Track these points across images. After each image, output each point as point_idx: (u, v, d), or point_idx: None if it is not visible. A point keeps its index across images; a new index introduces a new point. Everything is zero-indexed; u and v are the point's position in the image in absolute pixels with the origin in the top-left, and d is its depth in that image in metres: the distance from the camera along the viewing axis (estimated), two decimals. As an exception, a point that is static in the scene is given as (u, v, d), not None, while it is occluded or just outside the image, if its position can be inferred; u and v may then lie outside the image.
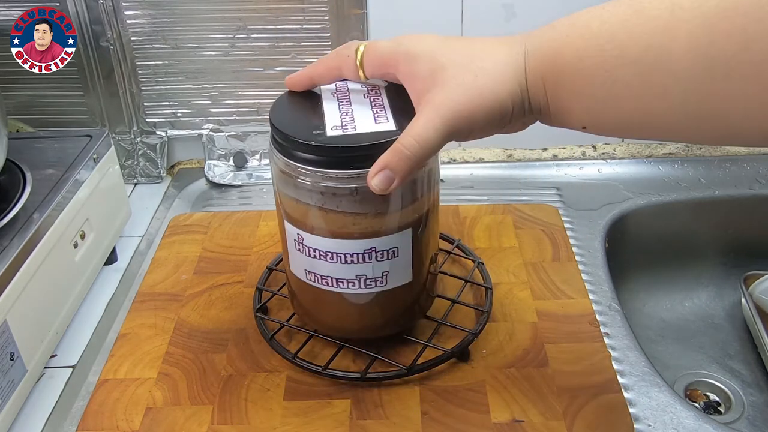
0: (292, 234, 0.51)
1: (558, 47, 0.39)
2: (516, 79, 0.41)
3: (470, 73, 0.41)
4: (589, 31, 0.37)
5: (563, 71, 0.38)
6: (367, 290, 0.51)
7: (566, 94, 0.39)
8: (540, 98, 0.41)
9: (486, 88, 0.41)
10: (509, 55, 0.41)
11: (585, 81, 0.37)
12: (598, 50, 0.36)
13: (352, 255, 0.49)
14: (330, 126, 0.47)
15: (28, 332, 0.55)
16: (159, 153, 0.85)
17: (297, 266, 0.53)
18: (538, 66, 0.40)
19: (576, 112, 0.39)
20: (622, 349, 0.58)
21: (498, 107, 0.41)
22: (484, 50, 0.42)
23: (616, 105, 0.37)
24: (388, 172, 0.43)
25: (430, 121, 0.41)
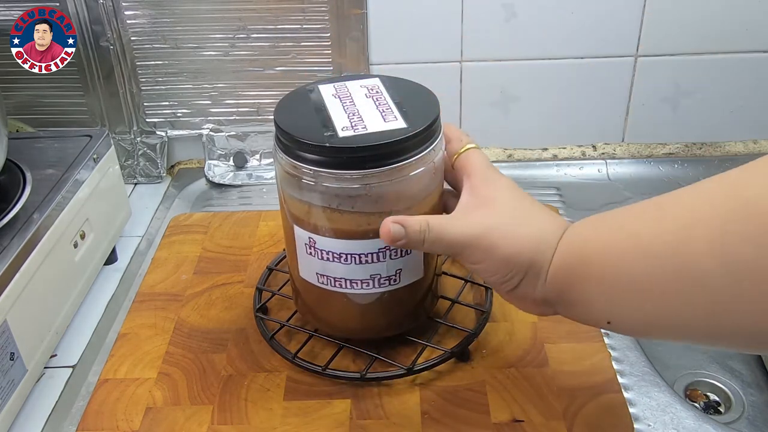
0: (303, 238, 0.50)
1: (587, 238, 0.41)
2: (542, 260, 0.43)
3: (514, 220, 0.45)
4: (616, 224, 0.39)
5: (591, 271, 0.39)
6: (381, 289, 0.51)
7: (590, 287, 0.40)
8: (560, 284, 0.42)
9: (517, 238, 0.44)
10: (551, 226, 0.44)
11: (609, 271, 0.38)
12: (622, 245, 0.37)
13: (367, 255, 0.49)
14: (340, 127, 0.47)
15: (28, 332, 0.55)
16: (159, 153, 0.85)
17: (308, 270, 0.52)
18: (564, 263, 0.42)
19: (600, 310, 0.40)
20: (622, 349, 0.58)
21: (516, 258, 0.43)
22: (537, 211, 0.46)
23: (639, 301, 0.37)
24: (403, 231, 0.45)
25: (464, 228, 0.45)
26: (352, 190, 0.47)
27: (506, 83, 0.81)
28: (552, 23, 0.78)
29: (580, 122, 0.84)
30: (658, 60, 0.80)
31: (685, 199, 0.36)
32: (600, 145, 0.85)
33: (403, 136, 0.46)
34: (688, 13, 0.77)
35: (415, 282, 0.53)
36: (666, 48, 0.80)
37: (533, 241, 0.43)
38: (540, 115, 0.84)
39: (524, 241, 0.43)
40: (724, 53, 0.80)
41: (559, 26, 0.78)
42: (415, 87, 0.52)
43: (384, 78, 0.54)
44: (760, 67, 0.80)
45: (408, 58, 0.80)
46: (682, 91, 0.82)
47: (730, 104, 0.83)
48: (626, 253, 0.37)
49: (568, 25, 0.78)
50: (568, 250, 0.42)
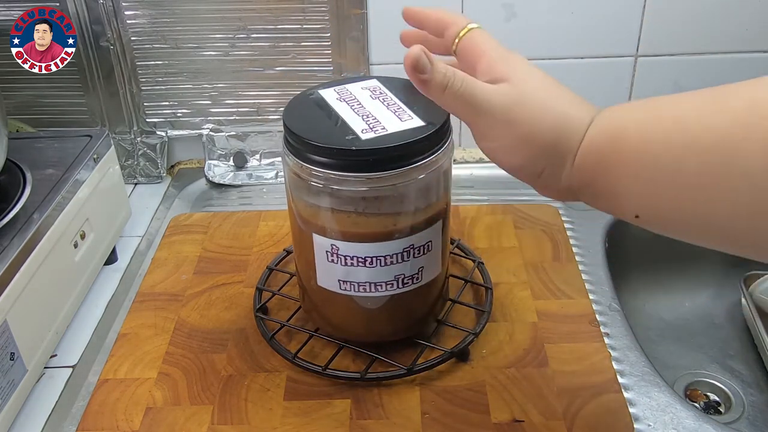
0: (324, 246, 0.50)
1: (625, 123, 0.37)
2: (568, 145, 0.39)
3: (538, 96, 0.40)
4: (659, 113, 0.36)
5: (624, 148, 0.36)
6: (404, 289, 0.52)
7: (623, 175, 0.36)
8: (587, 171, 0.39)
9: (538, 119, 0.40)
10: (578, 113, 0.40)
11: (647, 164, 0.35)
12: (666, 134, 0.34)
13: (392, 256, 0.50)
14: (359, 130, 0.47)
15: (28, 332, 0.55)
16: (159, 153, 0.85)
17: (329, 278, 0.52)
18: (597, 137, 0.38)
19: (631, 198, 0.37)
20: (622, 349, 0.58)
21: (535, 140, 0.40)
22: (562, 93, 0.41)
23: (677, 195, 0.34)
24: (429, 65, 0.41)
25: (490, 93, 0.41)
26: (380, 191, 0.47)
27: (506, 83, 0.81)
28: (552, 23, 0.78)
29: (580, 122, 0.84)
30: (658, 60, 0.80)
31: (743, 94, 0.33)
32: (600, 145, 0.85)
33: (428, 132, 0.46)
34: (688, 13, 0.77)
35: (432, 280, 0.53)
36: (666, 48, 0.80)
37: (558, 121, 0.39)
38: (540, 115, 0.83)
39: (548, 121, 0.39)
40: (724, 53, 0.80)
41: (559, 26, 0.78)
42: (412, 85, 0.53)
43: (382, 78, 0.54)
44: (760, 67, 0.80)
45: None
46: (682, 91, 0.82)
47: (730, 104, 0.83)
48: (671, 144, 0.34)
49: (568, 25, 0.78)
50: (601, 134, 0.38)
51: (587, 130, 0.39)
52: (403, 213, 0.49)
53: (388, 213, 0.48)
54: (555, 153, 0.39)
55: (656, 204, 0.36)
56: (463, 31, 0.45)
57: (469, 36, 0.44)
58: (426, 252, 0.51)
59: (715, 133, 0.32)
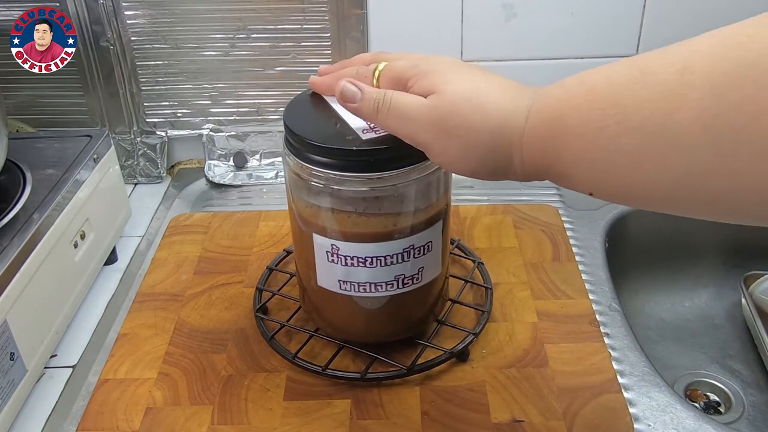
0: (324, 246, 0.50)
1: (562, 108, 0.37)
2: (509, 134, 0.39)
3: (471, 104, 0.40)
4: (594, 93, 0.35)
5: (565, 134, 0.36)
6: (404, 289, 0.52)
7: (569, 158, 0.37)
8: (537, 160, 0.39)
9: (474, 125, 0.40)
10: (513, 106, 0.39)
11: (586, 146, 0.35)
12: (601, 115, 0.34)
13: (392, 256, 0.49)
14: (360, 130, 0.47)
15: (28, 332, 0.55)
16: (159, 153, 0.85)
17: (329, 278, 0.52)
18: (539, 126, 0.38)
19: (579, 178, 0.37)
20: (622, 349, 0.58)
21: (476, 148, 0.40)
22: (491, 88, 0.41)
23: (618, 173, 0.35)
24: (359, 93, 0.43)
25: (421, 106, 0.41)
26: (380, 191, 0.47)
27: (506, 83, 0.81)
28: (552, 23, 0.78)
29: (580, 122, 0.84)
30: (658, 60, 0.80)
31: (671, 60, 0.32)
32: (600, 145, 0.85)
33: None
34: (688, 13, 0.77)
35: (432, 280, 0.53)
36: (666, 48, 0.80)
37: (493, 121, 0.39)
38: (540, 115, 0.83)
39: (483, 124, 0.39)
40: (724, 53, 0.80)
41: (559, 26, 0.78)
42: None
43: None
44: (760, 67, 0.80)
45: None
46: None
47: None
48: (606, 124, 0.34)
49: (568, 25, 0.78)
50: (541, 123, 0.38)
51: (526, 120, 0.39)
52: (404, 213, 0.49)
53: (388, 213, 0.48)
54: (499, 151, 0.40)
55: (603, 182, 0.36)
56: (376, 73, 0.45)
57: (384, 76, 0.45)
58: (426, 252, 0.51)
59: (647, 108, 0.32)
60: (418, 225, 0.49)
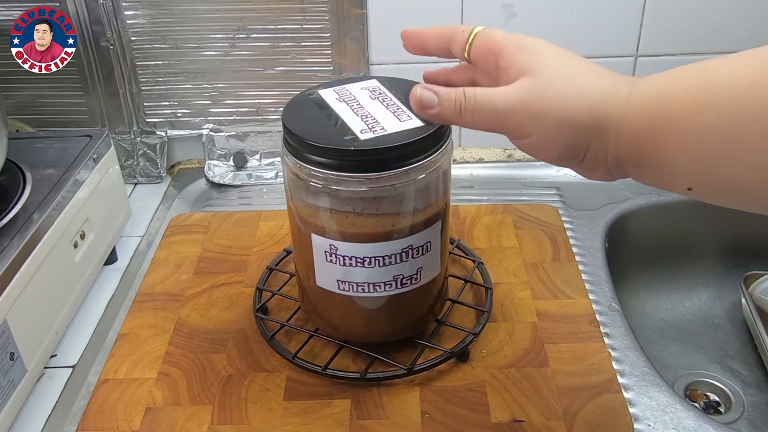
0: (323, 246, 0.50)
1: (670, 90, 0.35)
2: (605, 116, 0.37)
3: (564, 80, 0.38)
4: (705, 80, 0.34)
5: (673, 122, 0.34)
6: (402, 289, 0.51)
7: (673, 148, 0.35)
8: (635, 146, 0.37)
9: (569, 102, 0.38)
10: (612, 88, 0.38)
11: (699, 133, 0.33)
12: (716, 103, 0.33)
13: (390, 256, 0.49)
14: (358, 130, 0.47)
15: (28, 332, 0.55)
16: (159, 153, 0.85)
17: (327, 278, 0.52)
18: (641, 113, 0.36)
19: (683, 171, 0.35)
20: (622, 349, 0.58)
21: (569, 129, 0.38)
22: (591, 71, 0.39)
23: (733, 164, 0.33)
24: (435, 98, 0.41)
25: (508, 95, 0.39)
26: (378, 192, 0.47)
27: (506, 83, 0.81)
28: (552, 23, 0.78)
29: (580, 122, 0.84)
30: (658, 60, 0.80)
31: None
32: (600, 145, 0.85)
33: (426, 133, 0.46)
34: (688, 13, 0.77)
35: (431, 281, 0.53)
36: (666, 48, 0.80)
37: (589, 98, 0.38)
38: (540, 115, 0.83)
39: (578, 101, 0.38)
40: (724, 53, 0.80)
41: (559, 26, 0.78)
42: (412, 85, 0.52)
43: (382, 79, 0.54)
44: (760, 67, 0.80)
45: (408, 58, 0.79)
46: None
47: (730, 104, 0.83)
48: (722, 110, 0.32)
49: (568, 25, 0.78)
50: (647, 102, 0.36)
51: (628, 99, 0.37)
52: (402, 213, 0.48)
53: (386, 213, 0.48)
54: (594, 131, 0.38)
55: (710, 173, 0.34)
56: (471, 36, 0.44)
57: (478, 38, 0.43)
58: (425, 252, 0.51)
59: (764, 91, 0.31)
60: (416, 225, 0.49)
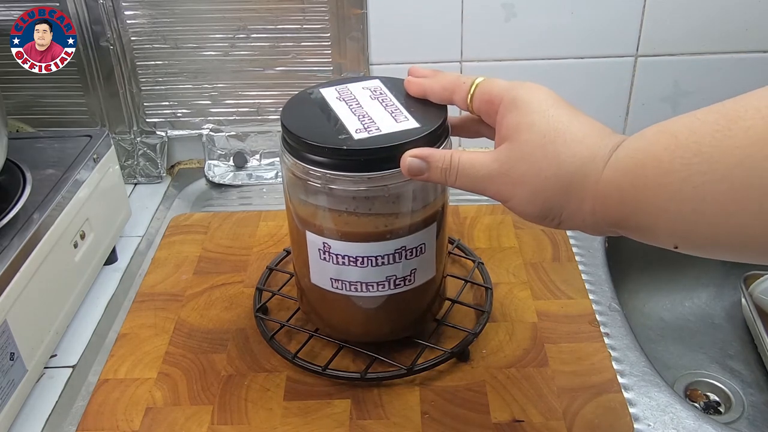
0: (317, 243, 0.50)
1: (641, 158, 0.36)
2: (582, 182, 0.39)
3: (542, 150, 0.40)
4: (675, 142, 0.34)
5: (645, 186, 0.35)
6: (395, 290, 0.51)
7: (649, 210, 0.35)
8: (613, 211, 0.38)
9: (544, 172, 0.39)
10: (591, 154, 0.39)
11: (670, 197, 0.34)
12: (684, 165, 0.33)
13: (383, 257, 0.49)
14: (353, 130, 0.47)
15: (28, 332, 0.55)
16: (159, 153, 0.85)
17: (321, 276, 0.52)
18: (616, 176, 0.37)
19: (663, 231, 0.36)
20: (622, 349, 0.58)
21: (543, 195, 0.40)
22: (574, 134, 0.40)
23: (707, 223, 0.33)
24: (424, 165, 0.44)
25: (486, 164, 0.42)
26: (371, 191, 0.47)
27: (506, 83, 0.81)
28: (552, 23, 0.78)
29: (580, 122, 0.84)
30: (658, 60, 0.80)
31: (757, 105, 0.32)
32: (600, 145, 0.85)
33: (420, 135, 0.46)
34: (688, 13, 0.77)
35: (426, 282, 0.53)
36: (666, 48, 0.80)
37: (567, 169, 0.39)
38: (540, 115, 0.83)
39: (555, 172, 0.39)
40: (724, 53, 0.80)
41: (559, 26, 0.78)
42: None
43: (384, 79, 0.54)
44: (760, 67, 0.80)
45: (408, 58, 0.80)
46: (681, 91, 0.82)
47: (730, 104, 0.83)
48: (691, 174, 0.33)
49: (568, 25, 0.78)
50: (619, 173, 0.37)
51: (604, 169, 0.38)
52: (395, 214, 0.48)
53: (379, 213, 0.48)
54: (569, 198, 0.39)
55: (690, 234, 0.35)
56: (472, 88, 0.45)
57: (480, 90, 0.45)
58: (419, 254, 0.51)
59: (734, 156, 0.31)
60: (411, 227, 0.49)
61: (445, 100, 0.48)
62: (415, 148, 0.45)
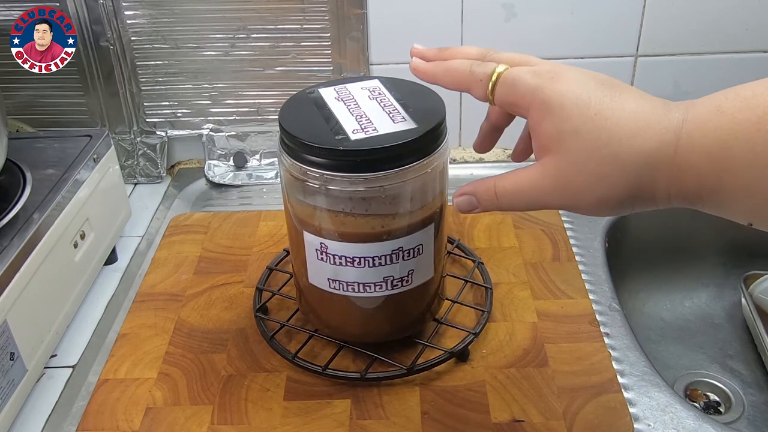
0: (314, 243, 0.50)
1: (727, 139, 0.33)
2: (651, 173, 0.36)
3: (597, 154, 0.36)
4: (766, 118, 0.31)
5: (732, 166, 0.33)
6: (393, 291, 0.51)
7: (733, 190, 0.33)
8: (690, 192, 0.35)
9: (607, 177, 0.36)
10: (656, 143, 0.35)
11: (759, 178, 0.32)
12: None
13: (380, 257, 0.49)
14: (350, 130, 0.47)
15: (28, 332, 0.55)
16: (159, 153, 0.85)
17: (318, 276, 0.52)
18: (695, 160, 0.34)
19: (743, 209, 0.34)
20: (622, 349, 0.58)
21: (614, 198, 0.37)
22: (627, 128, 0.36)
23: None
24: (474, 199, 0.42)
25: (537, 183, 0.39)
26: (367, 192, 0.47)
27: (506, 83, 0.81)
28: (552, 23, 0.78)
29: (580, 122, 0.84)
30: (658, 60, 0.80)
31: None
32: (600, 145, 0.85)
33: (416, 136, 0.46)
34: (688, 13, 0.77)
35: (424, 283, 0.53)
36: (666, 48, 0.80)
37: (632, 168, 0.36)
38: (540, 115, 0.83)
39: (619, 174, 0.36)
40: (724, 53, 0.80)
41: (559, 26, 0.78)
42: (414, 87, 0.53)
43: (383, 79, 0.54)
44: (760, 67, 0.80)
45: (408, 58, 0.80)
46: (682, 91, 0.82)
47: (730, 104, 0.83)
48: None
49: (568, 25, 0.78)
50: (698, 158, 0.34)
51: (676, 154, 0.35)
52: (392, 215, 0.48)
53: (376, 214, 0.48)
54: (640, 193, 0.36)
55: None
56: (490, 84, 0.41)
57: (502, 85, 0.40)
58: (416, 255, 0.50)
59: None
60: (408, 227, 0.49)
61: (459, 89, 0.43)
62: (463, 186, 0.43)
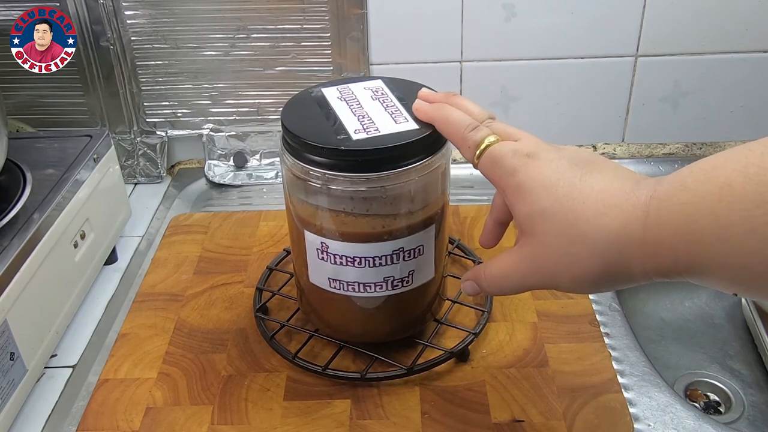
0: (315, 243, 0.50)
1: (691, 213, 0.33)
2: (621, 251, 0.36)
3: (565, 234, 0.37)
4: (730, 192, 0.31)
5: (701, 240, 0.33)
6: (393, 291, 0.51)
7: (708, 264, 0.33)
8: (666, 267, 0.35)
9: (577, 256, 0.37)
10: (622, 221, 0.36)
11: (732, 252, 0.32)
12: (746, 217, 0.30)
13: (381, 257, 0.49)
14: (352, 130, 0.47)
15: (28, 332, 0.55)
16: (159, 153, 0.85)
17: (319, 275, 0.52)
18: (663, 236, 0.34)
19: (723, 281, 0.34)
20: (622, 349, 0.58)
21: (588, 276, 0.38)
22: (594, 208, 0.37)
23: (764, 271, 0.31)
24: (476, 285, 0.45)
25: (517, 266, 0.41)
26: (368, 192, 0.47)
27: (506, 83, 0.81)
28: (552, 23, 0.78)
29: (580, 122, 0.84)
30: (658, 60, 0.80)
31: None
32: (600, 145, 0.85)
33: (418, 136, 0.46)
34: (688, 13, 0.77)
35: (425, 283, 0.53)
36: (666, 48, 0.80)
37: (600, 246, 0.36)
38: (540, 114, 0.83)
39: (588, 255, 0.37)
40: (724, 53, 0.80)
41: (559, 26, 0.78)
42: (417, 87, 0.53)
43: (386, 79, 0.54)
44: (760, 67, 0.80)
45: (408, 58, 0.80)
46: (682, 91, 0.82)
47: (730, 104, 0.83)
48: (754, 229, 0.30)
49: (568, 25, 0.78)
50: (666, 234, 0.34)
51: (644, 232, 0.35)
52: (393, 215, 0.48)
53: (377, 214, 0.48)
54: (613, 270, 0.37)
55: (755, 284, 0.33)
56: (478, 151, 0.42)
57: (485, 162, 0.42)
58: (417, 256, 0.51)
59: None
60: (409, 228, 0.49)
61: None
62: (468, 272, 0.46)
